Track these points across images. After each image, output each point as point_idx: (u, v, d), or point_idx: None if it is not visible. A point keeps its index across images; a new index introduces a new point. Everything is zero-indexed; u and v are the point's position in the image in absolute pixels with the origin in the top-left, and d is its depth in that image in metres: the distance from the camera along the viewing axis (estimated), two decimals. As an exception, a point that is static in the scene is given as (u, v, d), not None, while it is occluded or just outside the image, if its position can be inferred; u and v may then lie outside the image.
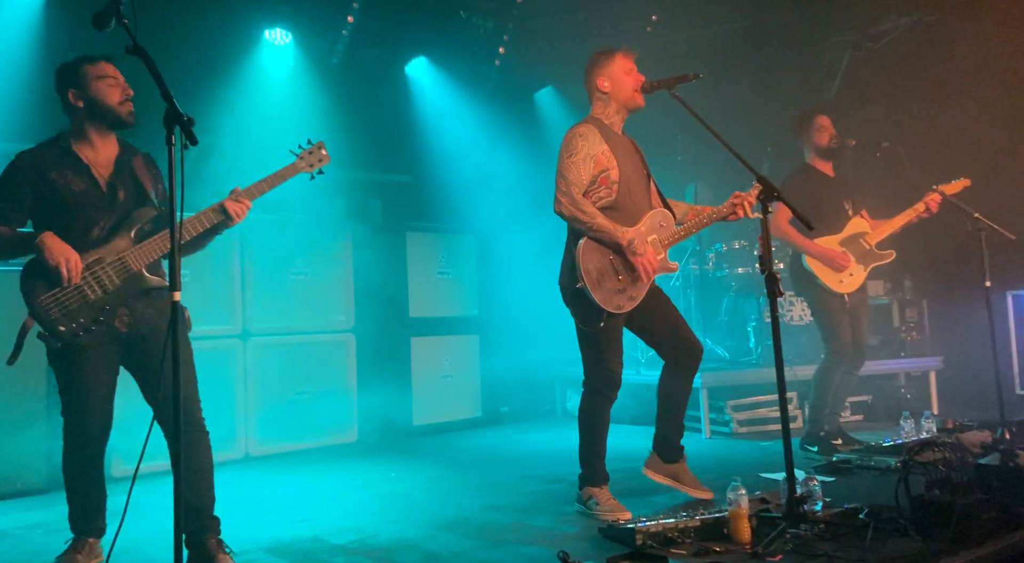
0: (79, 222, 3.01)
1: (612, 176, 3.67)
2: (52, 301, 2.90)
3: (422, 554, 3.20)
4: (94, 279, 2.95)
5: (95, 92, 3.05)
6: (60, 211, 3.01)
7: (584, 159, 3.62)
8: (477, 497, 4.19)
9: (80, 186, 3.04)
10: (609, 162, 3.67)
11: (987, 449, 4.17)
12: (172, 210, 2.41)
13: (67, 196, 3.01)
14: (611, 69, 3.77)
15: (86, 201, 3.03)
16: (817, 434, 4.89)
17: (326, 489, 4.63)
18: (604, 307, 3.57)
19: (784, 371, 3.19)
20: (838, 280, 4.84)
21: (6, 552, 3.50)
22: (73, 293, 2.92)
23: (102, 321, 2.95)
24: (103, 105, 3.06)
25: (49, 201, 3.01)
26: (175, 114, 2.38)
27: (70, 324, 2.91)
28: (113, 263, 2.98)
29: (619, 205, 3.69)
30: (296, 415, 5.80)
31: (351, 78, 7.00)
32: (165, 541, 2.33)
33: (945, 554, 2.73)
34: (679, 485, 3.85)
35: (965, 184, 4.89)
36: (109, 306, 2.96)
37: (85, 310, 2.93)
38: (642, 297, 3.69)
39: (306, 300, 5.95)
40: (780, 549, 2.89)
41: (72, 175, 3.04)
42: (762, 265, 3.21)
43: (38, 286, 2.91)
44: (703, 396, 5.85)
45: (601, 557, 2.82)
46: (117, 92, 3.08)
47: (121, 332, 3.01)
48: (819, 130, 5.00)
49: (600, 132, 3.73)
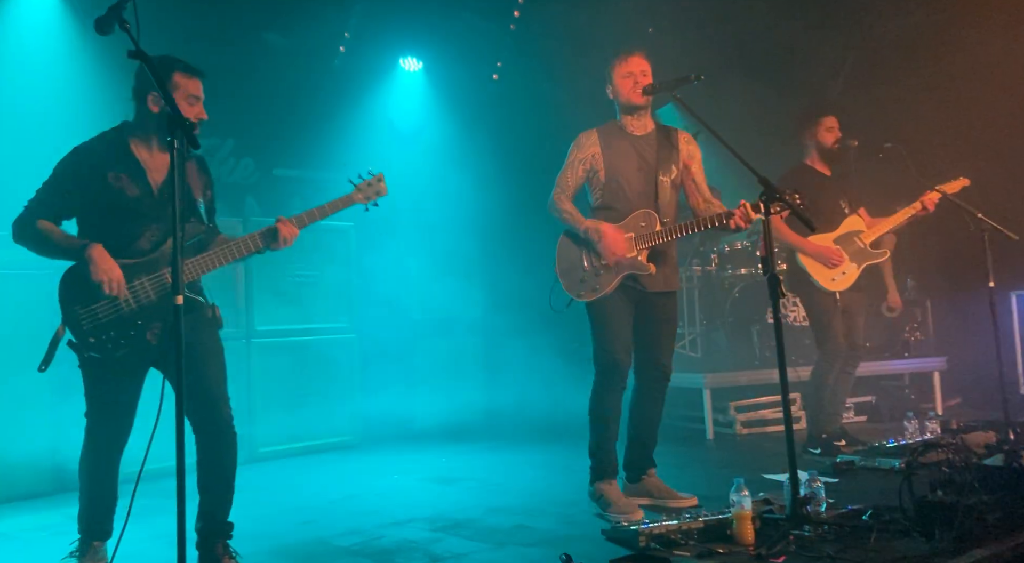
0: (126, 230, 2.96)
1: (600, 177, 3.85)
2: (86, 313, 2.88)
3: (425, 556, 3.20)
4: (131, 294, 2.91)
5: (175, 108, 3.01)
6: (110, 216, 2.95)
7: (571, 164, 3.88)
8: (480, 499, 4.20)
9: (134, 192, 2.96)
10: (597, 164, 3.85)
11: (991, 450, 4.16)
12: (174, 212, 2.42)
13: (119, 201, 2.94)
14: (612, 74, 3.90)
15: (138, 209, 2.96)
16: (819, 436, 4.88)
17: (329, 490, 4.64)
18: (568, 293, 3.83)
19: (787, 372, 3.19)
20: (830, 278, 4.84)
21: (11, 555, 3.51)
22: (107, 306, 2.88)
23: (132, 336, 2.92)
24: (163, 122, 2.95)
25: (101, 203, 2.95)
26: (177, 118, 2.39)
27: (100, 336, 2.88)
28: (152, 278, 2.94)
29: (610, 205, 3.83)
30: (299, 416, 5.80)
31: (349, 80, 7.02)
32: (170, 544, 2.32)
33: (949, 555, 2.73)
34: (654, 501, 3.79)
35: (964, 184, 4.87)
36: (142, 321, 2.92)
37: (117, 324, 2.90)
38: (606, 291, 3.74)
39: (309, 301, 5.96)
40: (783, 551, 2.89)
41: (128, 179, 2.96)
42: (764, 266, 3.21)
43: (75, 296, 2.88)
44: (706, 397, 5.85)
45: (604, 559, 2.82)
46: (192, 115, 3.00)
47: (152, 344, 2.97)
48: (827, 131, 4.98)
49: (600, 136, 3.86)
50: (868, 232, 4.93)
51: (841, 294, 4.87)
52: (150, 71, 2.46)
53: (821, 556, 2.80)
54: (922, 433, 4.85)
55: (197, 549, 3.00)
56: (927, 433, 4.84)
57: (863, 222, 4.97)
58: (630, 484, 3.88)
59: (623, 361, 3.74)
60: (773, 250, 3.24)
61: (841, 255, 4.83)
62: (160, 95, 2.91)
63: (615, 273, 3.73)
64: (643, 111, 3.87)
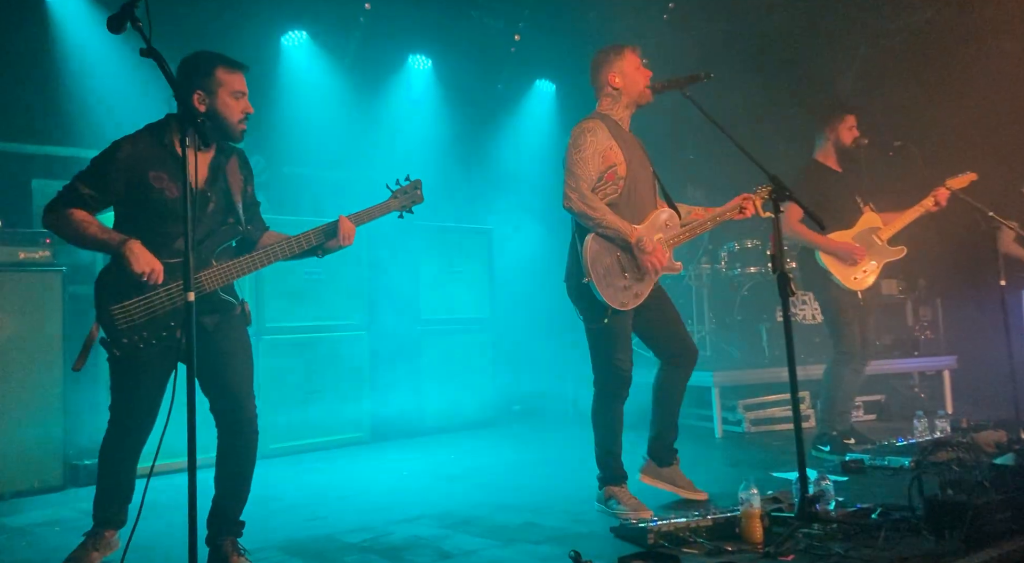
0: (164, 229, 2.93)
1: (619, 172, 3.68)
2: (121, 312, 2.87)
3: (434, 552, 3.21)
4: (167, 295, 2.90)
5: (222, 105, 2.96)
6: (149, 215, 2.93)
7: (592, 155, 3.62)
8: (489, 496, 4.20)
9: (175, 193, 2.91)
10: (617, 158, 3.68)
11: (1002, 448, 4.15)
12: (186, 209, 2.43)
13: (159, 201, 2.91)
14: (623, 65, 3.79)
15: (176, 210, 2.90)
16: (829, 434, 4.87)
17: (338, 487, 4.65)
18: (609, 303, 3.59)
19: (796, 370, 3.19)
20: (852, 277, 4.80)
21: (23, 550, 3.54)
22: (141, 306, 2.88)
23: (164, 336, 2.91)
24: (224, 121, 2.98)
25: (140, 202, 2.92)
26: (188, 115, 2.40)
27: (132, 337, 2.88)
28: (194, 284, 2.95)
29: (625, 202, 3.69)
30: (309, 412, 5.82)
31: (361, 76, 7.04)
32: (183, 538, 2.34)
33: (959, 554, 2.72)
34: (675, 489, 3.86)
35: (972, 178, 4.85)
36: (175, 323, 2.90)
37: (150, 325, 2.89)
38: (647, 295, 3.71)
39: (320, 298, 5.98)
40: (792, 549, 2.89)
41: (169, 180, 2.92)
42: (774, 264, 3.21)
43: (110, 293, 2.88)
44: (715, 395, 5.84)
45: (613, 556, 2.82)
46: (239, 110, 2.99)
47: (183, 343, 2.99)
48: (849, 129, 4.97)
49: (608, 128, 3.72)
50: (885, 229, 4.90)
51: (863, 293, 4.85)
52: (161, 70, 2.46)
53: (830, 554, 2.80)
54: (932, 432, 4.84)
55: (207, 544, 3.02)
56: (937, 432, 4.82)
57: (879, 219, 4.94)
58: (660, 468, 3.88)
59: (630, 371, 3.73)
60: (783, 248, 3.23)
61: (863, 251, 4.79)
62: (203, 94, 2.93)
63: (654, 275, 3.71)
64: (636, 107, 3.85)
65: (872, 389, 6.48)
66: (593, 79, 3.87)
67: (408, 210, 3.38)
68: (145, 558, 3.21)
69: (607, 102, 3.83)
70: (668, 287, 3.93)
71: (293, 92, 6.78)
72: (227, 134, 3.03)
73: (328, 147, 6.83)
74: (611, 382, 3.72)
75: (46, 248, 4.71)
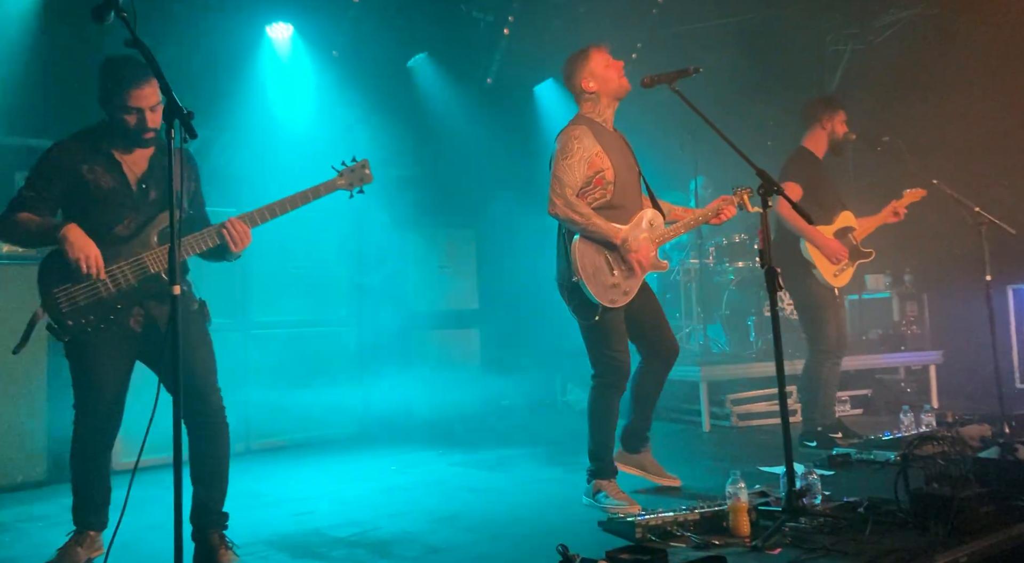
0: (104, 219, 2.98)
1: (607, 176, 3.72)
2: (64, 295, 2.88)
3: (422, 547, 3.21)
4: (110, 277, 2.92)
5: (119, 120, 2.98)
6: (87, 206, 2.98)
7: (579, 161, 3.67)
8: (477, 490, 4.20)
9: (109, 183, 2.99)
10: (604, 163, 3.71)
11: (987, 443, 4.17)
12: (171, 201, 2.41)
13: (95, 192, 2.98)
14: (591, 66, 3.81)
15: (113, 198, 2.99)
16: (814, 430, 4.89)
17: (326, 482, 4.64)
18: (600, 301, 3.63)
19: (784, 365, 3.20)
20: (833, 273, 4.84)
21: (7, 545, 3.51)
22: (85, 289, 2.89)
23: (112, 320, 2.93)
24: (126, 130, 3.00)
25: (77, 195, 2.98)
26: (175, 107, 2.38)
27: (79, 319, 2.89)
28: (132, 262, 2.95)
29: (614, 204, 3.74)
30: (297, 408, 5.80)
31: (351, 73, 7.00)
32: (167, 534, 2.33)
33: (944, 547, 2.74)
34: (646, 474, 3.98)
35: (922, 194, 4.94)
36: (121, 305, 2.93)
37: (96, 307, 2.91)
38: (635, 292, 3.76)
39: (308, 293, 5.95)
40: (779, 542, 2.90)
41: (102, 171, 2.99)
42: (762, 259, 3.22)
43: (54, 278, 2.90)
44: (703, 390, 5.86)
45: (600, 550, 2.82)
46: (134, 120, 2.98)
47: (136, 331, 3.00)
48: (842, 123, 4.97)
49: (593, 133, 3.75)
50: (858, 230, 4.94)
51: (839, 290, 4.89)
52: (146, 59, 2.44)
53: (817, 548, 2.81)
54: (918, 426, 4.87)
55: (193, 540, 3.01)
56: (922, 426, 4.85)
57: (855, 220, 4.98)
58: (629, 454, 3.98)
59: (628, 363, 3.78)
60: (771, 242, 3.24)
61: (845, 253, 4.82)
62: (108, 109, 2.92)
63: (642, 274, 3.78)
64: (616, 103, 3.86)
65: (858, 383, 6.52)
66: (569, 87, 3.92)
67: (359, 189, 3.28)
68: (130, 555, 3.19)
69: (588, 106, 3.87)
70: (657, 281, 3.97)
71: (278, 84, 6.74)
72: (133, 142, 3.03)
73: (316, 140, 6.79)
74: (610, 375, 3.76)
75: (29, 242, 4.66)
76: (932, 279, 7.23)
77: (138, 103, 2.96)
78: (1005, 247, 5.02)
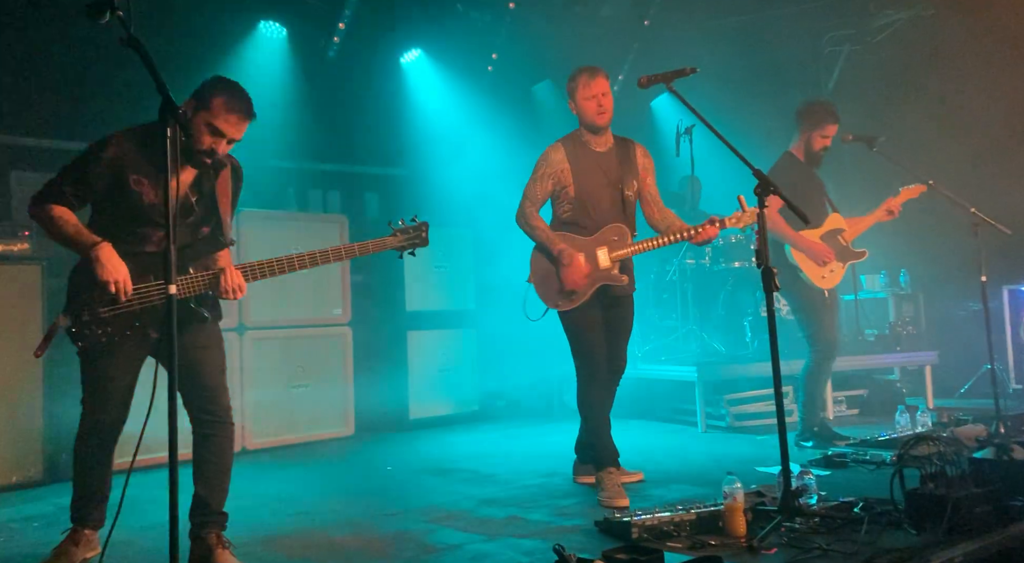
0: (138, 232, 2.93)
1: (569, 192, 3.96)
2: (87, 308, 2.86)
3: (418, 547, 3.21)
4: (137, 298, 2.89)
5: (198, 134, 2.88)
6: (123, 215, 2.92)
7: (542, 177, 3.99)
8: (473, 490, 4.20)
9: (152, 198, 2.90)
10: (566, 179, 3.96)
11: (982, 443, 4.18)
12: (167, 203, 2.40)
13: (136, 205, 2.90)
14: (575, 94, 4.01)
15: (152, 215, 2.91)
16: (812, 430, 4.90)
17: (322, 482, 4.64)
18: (544, 302, 3.95)
19: (780, 365, 3.20)
20: (820, 275, 4.85)
21: (3, 544, 3.50)
22: (111, 305, 2.87)
23: (129, 335, 2.91)
24: (197, 145, 2.90)
25: (117, 202, 2.91)
26: (170, 107, 2.37)
27: (96, 331, 2.87)
28: (160, 287, 2.90)
29: (577, 220, 3.97)
30: (293, 407, 5.80)
31: (346, 71, 6.99)
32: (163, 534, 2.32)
33: (939, 547, 2.75)
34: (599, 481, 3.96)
35: (922, 189, 4.92)
36: (140, 322, 2.91)
37: (116, 322, 2.89)
38: (582, 300, 3.89)
39: (303, 294, 5.94)
40: (775, 542, 2.90)
41: (149, 184, 2.91)
42: (759, 259, 3.22)
43: (83, 288, 2.87)
44: (698, 390, 5.86)
45: (597, 550, 2.83)
46: (208, 141, 2.89)
47: (152, 337, 2.97)
48: (822, 137, 4.94)
49: (567, 150, 3.98)
50: (848, 231, 4.96)
51: (828, 291, 4.90)
52: (142, 59, 2.42)
53: (812, 548, 2.82)
54: (913, 426, 4.88)
55: (191, 539, 3.00)
56: (918, 426, 4.86)
57: (844, 221, 4.99)
58: (582, 464, 4.17)
59: (603, 355, 3.96)
60: (767, 243, 3.24)
61: (831, 254, 4.84)
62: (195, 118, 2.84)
63: (591, 285, 3.91)
64: (605, 131, 4.02)
65: (854, 384, 6.53)
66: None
67: (410, 252, 3.36)
68: (126, 554, 3.19)
69: (580, 122, 4.05)
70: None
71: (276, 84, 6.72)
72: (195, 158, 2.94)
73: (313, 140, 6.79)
74: (589, 367, 3.94)
75: (25, 241, 4.65)
76: (928, 280, 7.25)
77: (227, 129, 2.89)
78: (1001, 248, 5.02)
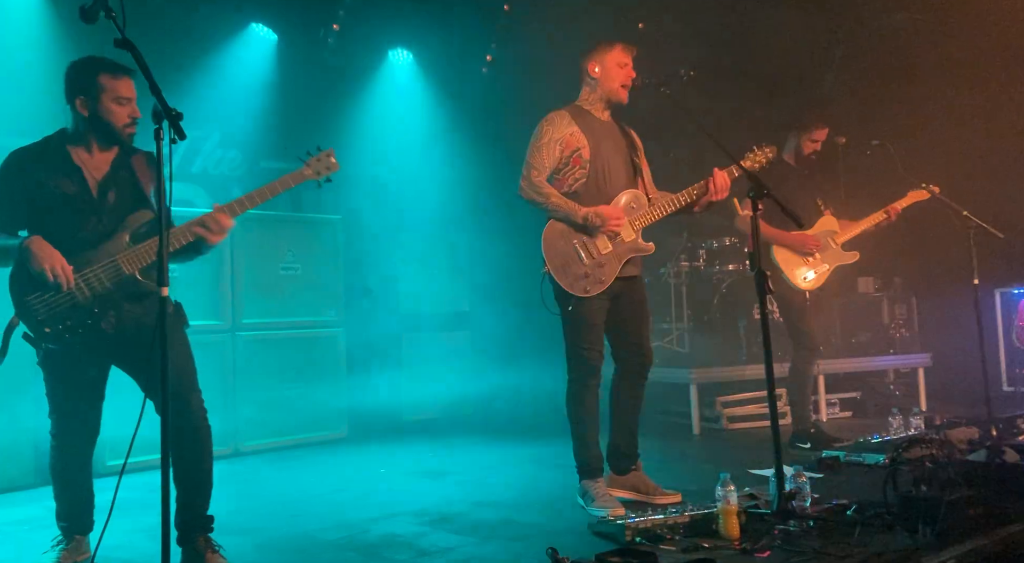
0: (67, 225, 2.94)
1: (584, 155, 3.68)
2: (40, 302, 2.85)
3: (411, 550, 3.20)
4: (84, 282, 2.89)
5: (103, 111, 2.95)
6: (48, 213, 2.95)
7: (548, 143, 3.67)
8: (467, 493, 4.19)
9: (70, 188, 2.95)
10: (579, 141, 3.69)
11: (974, 445, 4.19)
12: (160, 203, 2.39)
13: (55, 199, 2.94)
14: (605, 57, 3.78)
15: (74, 204, 2.95)
16: (807, 430, 4.92)
17: (315, 484, 4.62)
18: (570, 291, 3.60)
19: (773, 367, 3.21)
20: (801, 277, 4.87)
21: (-8, 548, 3.48)
22: (60, 296, 2.86)
23: (90, 324, 2.90)
24: (107, 125, 2.98)
25: (38, 203, 2.95)
26: (164, 109, 2.36)
27: (56, 325, 2.86)
28: (105, 266, 2.91)
29: (593, 187, 3.69)
30: (286, 410, 5.78)
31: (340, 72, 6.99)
32: (154, 538, 2.31)
33: (932, 550, 2.75)
34: (639, 495, 3.78)
35: (925, 196, 4.93)
36: (98, 309, 2.90)
37: (73, 313, 2.88)
38: (610, 281, 3.65)
39: (296, 294, 5.93)
40: (769, 545, 2.90)
41: (62, 177, 2.96)
42: (752, 262, 3.22)
43: (26, 287, 2.86)
44: (693, 392, 5.87)
45: (590, 553, 2.82)
46: (124, 114, 2.98)
47: (108, 333, 2.95)
48: (812, 141, 4.98)
49: (572, 116, 3.75)
50: (841, 234, 4.97)
51: (810, 293, 4.92)
52: (135, 60, 2.42)
53: (806, 550, 2.81)
54: (906, 429, 4.89)
55: (179, 544, 2.98)
56: (911, 429, 4.88)
57: (836, 223, 5.01)
58: (617, 476, 3.84)
59: (600, 359, 3.71)
60: (760, 246, 3.25)
61: (818, 242, 4.86)
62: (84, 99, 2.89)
63: (618, 260, 3.66)
64: (612, 106, 3.83)
65: (847, 386, 6.54)
66: (580, 63, 3.86)
67: (326, 178, 3.27)
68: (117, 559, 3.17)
69: (585, 91, 3.85)
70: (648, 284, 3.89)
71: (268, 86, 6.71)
72: (113, 138, 3.02)
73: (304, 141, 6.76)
74: (577, 371, 3.70)
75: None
76: (921, 282, 7.27)
77: (126, 90, 2.95)
78: (993, 250, 5.04)
